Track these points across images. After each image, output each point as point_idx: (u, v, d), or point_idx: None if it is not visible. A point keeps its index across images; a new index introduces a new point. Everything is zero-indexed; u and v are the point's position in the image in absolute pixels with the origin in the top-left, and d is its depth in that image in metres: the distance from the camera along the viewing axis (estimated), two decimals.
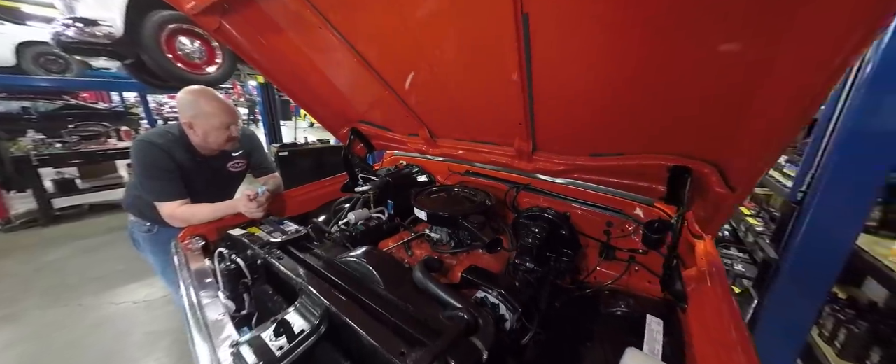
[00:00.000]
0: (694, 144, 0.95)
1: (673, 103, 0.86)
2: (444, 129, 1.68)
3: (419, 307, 0.91)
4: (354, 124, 2.04)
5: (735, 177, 0.86)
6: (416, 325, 0.84)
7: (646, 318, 1.05)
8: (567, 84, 1.01)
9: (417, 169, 2.09)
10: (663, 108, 0.90)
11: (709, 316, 0.89)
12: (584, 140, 1.23)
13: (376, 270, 1.06)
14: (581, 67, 0.91)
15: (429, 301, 0.96)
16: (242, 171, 1.94)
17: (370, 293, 0.98)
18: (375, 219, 1.72)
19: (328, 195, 2.13)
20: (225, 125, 1.60)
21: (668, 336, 0.96)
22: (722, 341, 0.79)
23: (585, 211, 1.51)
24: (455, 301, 0.93)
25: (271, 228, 1.46)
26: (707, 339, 0.84)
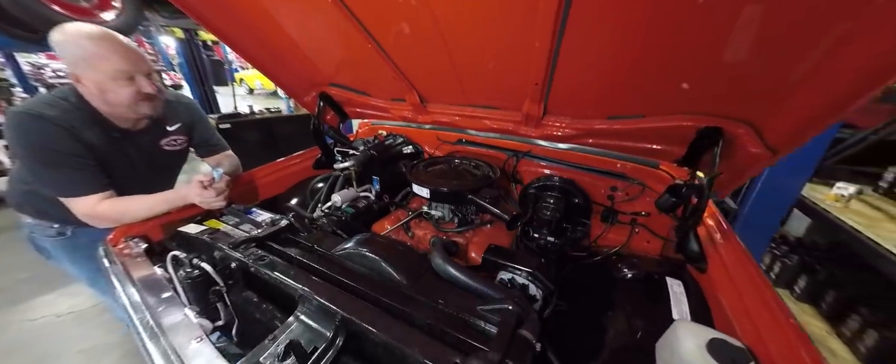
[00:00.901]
0: (728, 103, 0.89)
1: (717, 60, 0.77)
2: (438, 93, 1.46)
3: (450, 302, 0.80)
4: (323, 88, 1.71)
5: (774, 138, 0.83)
6: (455, 325, 0.72)
7: (662, 281, 1.06)
8: (600, 39, 0.86)
9: (402, 139, 1.86)
10: (705, 64, 0.80)
11: (735, 275, 0.90)
12: (603, 102, 1.12)
13: (388, 262, 0.90)
14: (620, 20, 0.77)
15: (458, 293, 0.85)
16: (182, 149, 1.54)
17: (388, 291, 0.83)
18: (364, 199, 1.52)
19: (298, 174, 1.83)
20: (124, 73, 1.13)
21: (690, 297, 0.98)
22: (754, 300, 0.80)
23: (588, 176, 1.46)
24: (490, 290, 0.83)
25: (238, 220, 1.20)
26: (736, 298, 0.85)
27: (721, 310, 0.91)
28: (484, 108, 1.42)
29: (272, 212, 1.27)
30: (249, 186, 1.61)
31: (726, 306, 0.88)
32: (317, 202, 1.60)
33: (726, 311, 0.88)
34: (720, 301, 0.93)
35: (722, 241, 1.05)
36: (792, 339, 0.67)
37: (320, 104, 1.74)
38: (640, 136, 1.16)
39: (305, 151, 1.92)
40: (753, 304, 0.80)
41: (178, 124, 1.45)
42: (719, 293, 0.93)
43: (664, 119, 1.03)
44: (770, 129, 0.84)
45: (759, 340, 0.72)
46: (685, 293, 0.99)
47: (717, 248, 1.03)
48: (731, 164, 0.95)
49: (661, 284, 1.05)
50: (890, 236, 1.56)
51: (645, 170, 1.38)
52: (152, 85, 1.22)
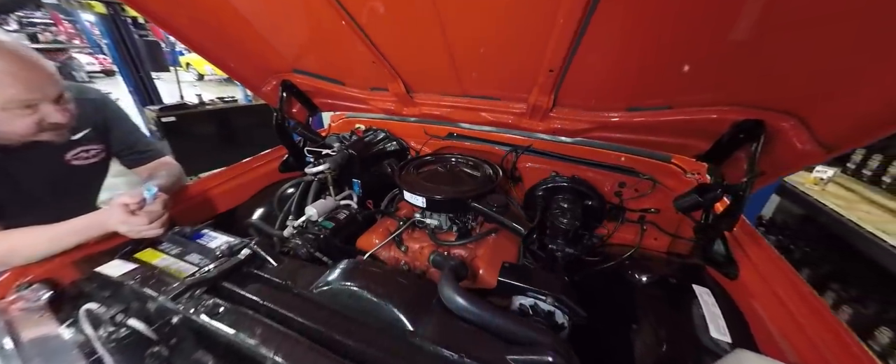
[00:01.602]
0: (775, 93, 0.78)
1: (768, 42, 0.64)
2: (427, 81, 1.24)
3: (471, 352, 0.63)
4: (285, 76, 1.42)
5: (829, 133, 0.73)
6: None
7: (682, 287, 0.97)
8: (636, 17, 0.71)
9: (384, 134, 1.63)
10: (752, 47, 0.68)
11: (774, 284, 0.82)
12: (623, 91, 0.98)
13: (385, 301, 0.72)
14: None
15: (476, 335, 0.69)
16: (99, 161, 1.20)
17: (389, 341, 0.65)
18: (344, 209, 1.29)
19: (262, 179, 1.55)
20: (21, 102, 0.87)
21: (722, 308, 0.90)
22: (806, 315, 0.72)
23: (595, 172, 1.34)
24: (519, 329, 0.68)
25: (183, 249, 0.94)
26: (782, 312, 0.77)
27: (759, 322, 0.83)
28: (482, 98, 1.23)
29: (230, 231, 1.02)
30: (200, 199, 1.31)
31: (768, 319, 0.80)
32: (287, 214, 1.35)
33: (768, 325, 0.80)
34: (757, 312, 0.85)
35: (750, 243, 0.97)
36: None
37: (283, 95, 1.45)
38: (661, 130, 1.03)
39: (270, 151, 1.63)
40: (806, 320, 0.72)
41: (86, 130, 1.11)
42: (756, 303, 0.86)
43: (695, 111, 0.91)
44: (824, 123, 0.73)
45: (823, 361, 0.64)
46: (716, 304, 0.90)
47: (746, 252, 0.96)
48: (768, 160, 0.85)
49: (681, 291, 0.96)
50: (868, 217, 1.62)
51: (655, 164, 1.28)
52: (63, 111, 0.93)
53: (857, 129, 0.68)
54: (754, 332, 0.82)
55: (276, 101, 1.50)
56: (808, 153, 0.77)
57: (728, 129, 0.89)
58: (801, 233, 2.30)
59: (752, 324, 0.84)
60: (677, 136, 1.04)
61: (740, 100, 0.84)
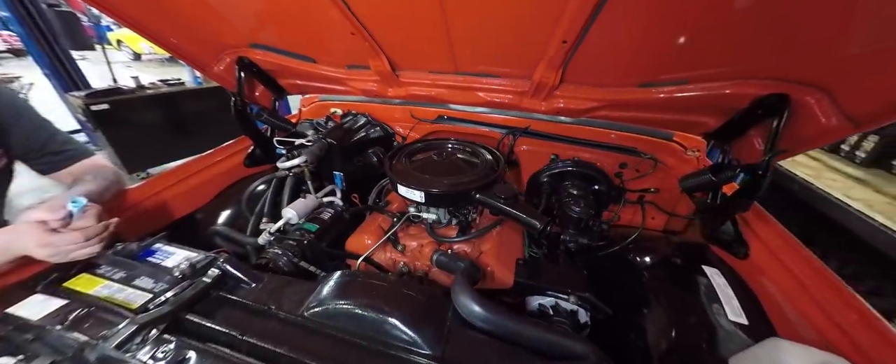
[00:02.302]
0: (802, 65, 0.72)
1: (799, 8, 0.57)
2: (416, 58, 1.08)
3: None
4: (242, 51, 1.18)
5: (859, 108, 0.69)
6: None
7: (689, 268, 0.95)
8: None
9: (365, 119, 1.45)
10: (781, 12, 0.60)
11: (789, 264, 0.81)
12: (638, 65, 0.89)
13: (396, 318, 0.61)
14: None
15: (503, 350, 0.61)
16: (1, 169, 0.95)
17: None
18: (328, 206, 1.14)
19: (222, 177, 1.34)
20: None
21: (733, 288, 0.89)
22: (826, 295, 0.72)
23: (594, 153, 1.28)
24: (555, 340, 0.60)
25: (128, 274, 0.76)
26: (800, 292, 0.76)
27: (771, 301, 0.83)
28: (479, 76, 1.10)
29: (191, 243, 0.85)
30: (148, 205, 1.10)
31: (782, 298, 0.79)
32: (259, 217, 1.17)
33: (781, 304, 0.80)
34: (768, 290, 0.84)
35: (756, 220, 0.96)
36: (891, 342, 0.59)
37: (240, 75, 1.22)
38: (674, 107, 0.97)
39: (232, 143, 1.40)
40: (824, 296, 0.72)
41: None
42: (768, 281, 0.85)
43: (714, 86, 0.84)
44: (854, 98, 0.69)
45: (853, 345, 0.63)
46: (728, 284, 0.89)
47: (754, 230, 0.94)
48: (788, 136, 0.81)
49: (688, 272, 0.94)
50: (834, 185, 1.73)
51: (657, 142, 1.23)
52: None
53: (891, 105, 0.64)
54: (770, 311, 0.82)
55: (230, 82, 1.26)
56: (834, 128, 0.73)
57: (748, 105, 0.84)
58: (769, 200, 2.45)
59: (764, 302, 0.84)
60: (689, 113, 0.98)
61: (764, 72, 0.78)
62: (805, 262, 0.80)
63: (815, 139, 0.79)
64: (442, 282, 0.99)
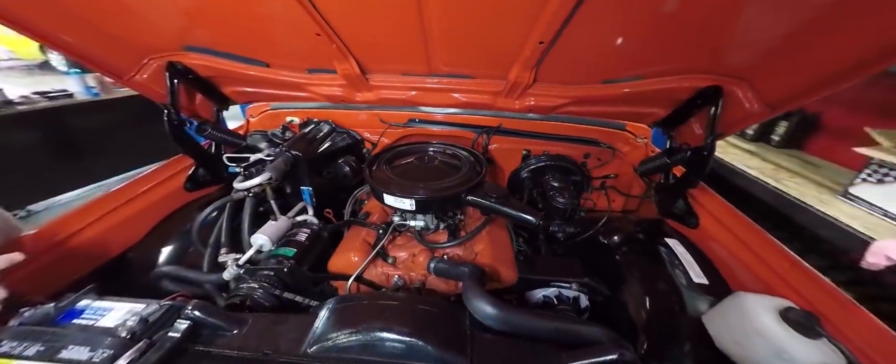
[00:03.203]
0: (730, 61, 0.86)
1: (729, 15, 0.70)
2: (388, 59, 1.03)
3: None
4: (172, 55, 0.99)
5: (774, 95, 0.85)
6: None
7: (652, 242, 1.07)
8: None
9: (328, 127, 1.34)
10: (716, 19, 0.73)
11: (731, 226, 0.96)
12: (602, 64, 0.97)
13: (424, 340, 0.57)
14: None
15: (524, 350, 0.61)
16: None
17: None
18: (302, 226, 1.03)
19: (158, 206, 1.12)
20: None
21: (691, 254, 1.03)
22: (764, 249, 0.86)
23: (562, 146, 1.38)
24: (572, 329, 0.62)
25: (46, 346, 0.60)
26: (743, 250, 0.90)
27: (721, 260, 0.97)
28: (453, 77, 1.09)
29: (124, 293, 0.69)
30: (58, 253, 0.86)
31: (729, 257, 0.94)
32: (216, 248, 1.00)
33: (728, 261, 0.94)
34: (717, 252, 0.99)
35: (700, 194, 1.12)
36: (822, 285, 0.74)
37: (172, 84, 1.03)
38: (631, 100, 1.08)
39: (164, 165, 1.17)
40: (764, 251, 0.86)
41: None
42: (716, 245, 0.99)
43: (665, 80, 0.96)
44: (769, 86, 0.85)
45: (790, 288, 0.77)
46: (687, 252, 1.03)
47: (700, 203, 1.10)
48: (720, 120, 0.96)
49: (651, 245, 1.06)
50: (737, 158, 2.12)
51: (612, 132, 1.37)
52: None
53: (797, 91, 0.80)
54: (722, 269, 0.96)
55: (158, 93, 1.06)
56: (755, 112, 0.89)
57: (690, 96, 0.97)
58: None
59: (715, 263, 0.98)
60: (643, 105, 1.11)
61: (702, 68, 0.91)
62: (743, 224, 0.95)
63: (741, 122, 0.95)
64: (441, 290, 0.96)
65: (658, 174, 1.18)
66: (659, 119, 1.14)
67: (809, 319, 0.66)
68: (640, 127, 1.36)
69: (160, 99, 1.05)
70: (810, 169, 1.88)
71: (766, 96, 0.86)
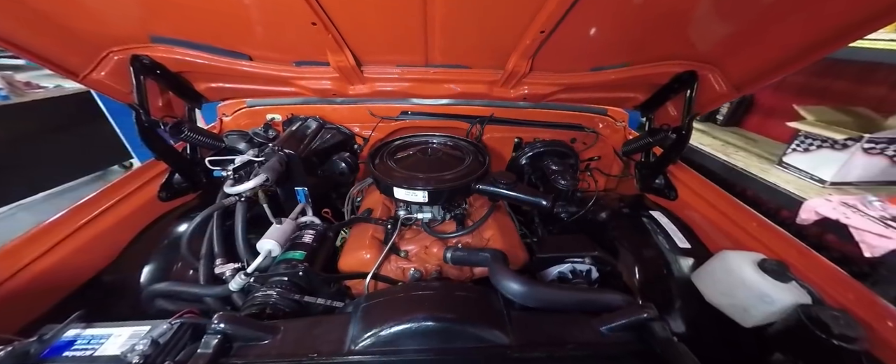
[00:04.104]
0: (703, 49, 0.96)
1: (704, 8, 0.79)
2: (384, 50, 1.00)
3: (567, 336, 0.60)
4: (137, 48, 0.88)
5: (740, 78, 0.96)
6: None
7: (635, 215, 1.18)
8: None
9: (317, 123, 1.27)
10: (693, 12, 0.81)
11: (706, 196, 1.08)
12: (591, 53, 1.03)
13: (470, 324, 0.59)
14: None
15: (556, 320, 0.65)
16: None
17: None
18: (307, 228, 0.98)
19: (130, 221, 1.00)
20: None
21: (673, 223, 1.15)
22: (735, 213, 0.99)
23: (551, 133, 1.44)
24: (597, 298, 0.68)
25: None
26: (719, 216, 1.03)
27: (698, 226, 1.09)
28: (449, 67, 1.09)
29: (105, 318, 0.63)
30: (15, 284, 0.73)
31: (707, 223, 1.06)
32: (211, 260, 0.92)
33: (705, 227, 1.07)
34: (695, 220, 1.11)
35: (676, 170, 1.24)
36: (785, 238, 0.87)
37: (138, 80, 0.91)
38: (616, 86, 1.16)
39: (133, 173, 1.04)
40: (737, 215, 0.99)
41: None
42: (694, 214, 1.12)
43: (647, 67, 1.05)
44: (736, 70, 0.96)
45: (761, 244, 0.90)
46: (671, 222, 1.14)
47: (676, 177, 1.22)
48: (697, 102, 1.07)
49: (637, 217, 1.16)
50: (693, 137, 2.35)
51: (596, 118, 1.46)
52: None
53: (759, 73, 0.92)
54: (700, 235, 1.09)
55: (115, 91, 0.94)
56: (724, 94, 1.00)
57: (668, 81, 1.07)
58: None
59: (696, 230, 1.11)
60: (626, 91, 1.19)
61: (680, 55, 1.00)
62: (715, 193, 1.08)
63: (712, 102, 1.06)
64: (455, 278, 0.98)
65: (639, 153, 1.29)
66: (639, 103, 1.25)
67: (781, 267, 0.78)
68: (619, 112, 1.47)
69: (123, 98, 0.92)
70: (751, 143, 2.16)
71: (733, 79, 0.98)
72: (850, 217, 1.37)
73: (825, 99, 1.94)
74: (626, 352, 0.58)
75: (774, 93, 2.30)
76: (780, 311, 0.73)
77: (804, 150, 1.69)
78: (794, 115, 1.75)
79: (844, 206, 1.43)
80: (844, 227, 1.36)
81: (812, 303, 0.73)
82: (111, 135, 3.07)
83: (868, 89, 1.84)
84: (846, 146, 1.51)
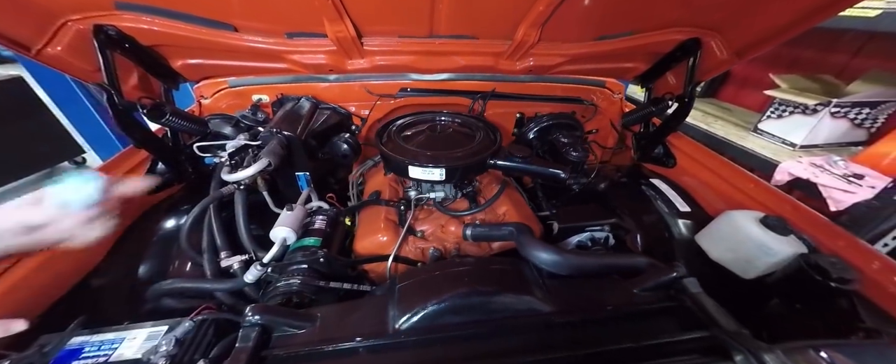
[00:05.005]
0: (706, 15, 0.96)
1: None
2: (387, 19, 0.92)
3: (603, 300, 0.63)
4: (100, 16, 0.75)
5: (741, 44, 0.98)
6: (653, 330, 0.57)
7: (634, 184, 1.22)
8: None
9: (311, 102, 1.18)
10: None
11: (703, 161, 1.13)
12: (598, 21, 1.01)
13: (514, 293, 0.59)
14: None
15: (590, 286, 0.67)
16: None
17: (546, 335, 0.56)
18: (318, 214, 0.93)
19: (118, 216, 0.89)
20: None
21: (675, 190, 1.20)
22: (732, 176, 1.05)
23: (550, 106, 1.44)
24: (624, 261, 0.70)
25: None
26: (717, 179, 1.08)
27: (695, 191, 1.15)
28: (455, 38, 1.03)
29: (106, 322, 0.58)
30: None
31: (705, 187, 1.11)
32: (214, 253, 0.85)
33: (702, 191, 1.12)
34: (692, 185, 1.17)
35: (673, 138, 1.29)
36: (779, 196, 0.93)
37: (105, 55, 0.78)
38: (619, 56, 1.16)
39: (108, 163, 0.92)
40: (731, 178, 1.05)
41: None
42: (692, 180, 1.17)
43: (651, 35, 1.04)
44: (737, 36, 0.98)
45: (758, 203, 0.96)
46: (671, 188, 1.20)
47: (674, 145, 1.27)
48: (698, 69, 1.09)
49: (638, 186, 1.21)
50: None
51: (595, 90, 1.46)
52: None
53: (758, 39, 0.94)
54: (698, 198, 1.15)
55: (76, 68, 0.81)
56: (725, 60, 1.03)
57: (671, 49, 1.08)
58: None
59: (694, 193, 1.17)
60: (628, 61, 1.20)
61: (685, 21, 1.00)
62: (712, 158, 1.13)
63: (713, 69, 1.09)
64: (475, 254, 0.98)
65: (637, 124, 1.32)
66: (640, 73, 1.26)
67: (781, 222, 0.84)
68: (616, 84, 1.48)
69: (89, 77, 0.80)
70: (727, 113, 2.28)
71: (734, 45, 1.00)
72: (819, 176, 1.50)
73: (795, 68, 2.07)
74: (661, 309, 0.61)
75: (748, 64, 2.42)
76: (780, 261, 0.80)
77: (777, 116, 1.80)
78: (766, 85, 1.86)
79: (813, 166, 1.57)
80: (813, 185, 1.49)
81: (809, 251, 0.80)
82: (56, 126, 2.73)
83: (832, 57, 1.97)
84: (816, 111, 1.63)
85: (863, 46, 1.85)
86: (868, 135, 1.73)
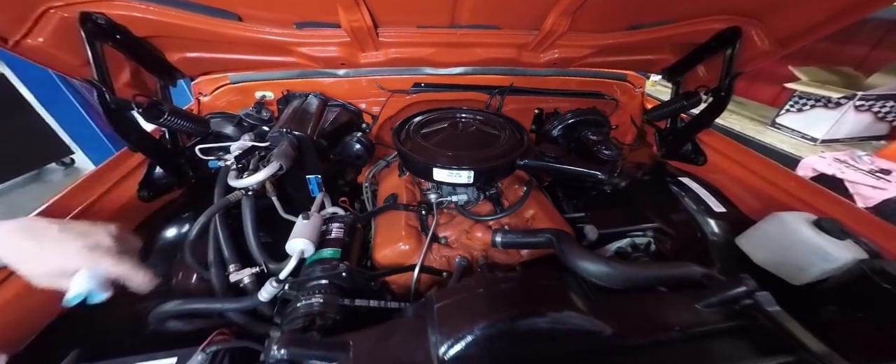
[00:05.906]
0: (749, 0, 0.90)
1: None
2: (407, 7, 0.84)
3: (666, 319, 0.56)
4: (87, 3, 0.66)
5: (785, 33, 0.92)
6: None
7: (660, 181, 1.16)
8: None
9: (317, 100, 1.10)
10: None
11: (736, 157, 1.07)
12: (631, 9, 0.93)
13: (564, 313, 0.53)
14: None
15: (647, 303, 0.61)
16: None
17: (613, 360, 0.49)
18: (333, 221, 0.85)
19: None
20: None
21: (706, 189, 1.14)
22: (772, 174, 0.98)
23: (569, 102, 1.37)
24: (680, 273, 0.64)
25: None
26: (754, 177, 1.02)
27: (728, 190, 1.09)
28: (478, 28, 0.95)
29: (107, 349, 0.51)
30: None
31: (739, 185, 1.05)
32: (222, 267, 0.77)
33: (736, 190, 1.06)
34: (724, 183, 1.11)
35: (703, 135, 1.22)
36: (827, 196, 0.88)
37: (93, 47, 0.69)
38: (649, 47, 1.09)
39: (102, 167, 0.83)
40: (771, 175, 0.99)
41: None
42: (724, 178, 1.11)
43: (685, 24, 0.97)
44: (781, 23, 0.91)
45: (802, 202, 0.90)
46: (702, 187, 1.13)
47: (704, 142, 1.20)
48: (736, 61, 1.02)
49: (665, 184, 1.14)
50: None
51: (616, 84, 1.39)
52: None
53: (804, 29, 0.87)
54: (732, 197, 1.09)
55: (60, 62, 0.72)
56: (766, 50, 0.96)
57: (706, 39, 1.01)
58: None
59: (727, 192, 1.10)
60: (658, 52, 1.13)
61: (724, 8, 0.93)
62: (748, 155, 1.07)
63: (752, 60, 1.02)
64: (504, 262, 0.91)
65: (663, 120, 1.25)
66: (668, 65, 1.19)
67: (836, 225, 0.78)
68: (637, 77, 1.41)
69: (76, 72, 0.71)
70: (740, 107, 2.23)
71: (777, 33, 0.93)
72: (845, 172, 1.45)
73: (810, 60, 2.02)
74: (730, 328, 0.55)
75: None
76: (838, 267, 0.74)
77: (798, 110, 1.76)
78: (779, 78, 1.81)
79: (837, 161, 1.52)
80: (840, 181, 1.45)
81: (869, 257, 0.74)
82: (42, 126, 2.59)
83: (850, 49, 1.93)
84: (840, 104, 1.58)
85: (883, 38, 1.80)
86: (890, 128, 1.69)
